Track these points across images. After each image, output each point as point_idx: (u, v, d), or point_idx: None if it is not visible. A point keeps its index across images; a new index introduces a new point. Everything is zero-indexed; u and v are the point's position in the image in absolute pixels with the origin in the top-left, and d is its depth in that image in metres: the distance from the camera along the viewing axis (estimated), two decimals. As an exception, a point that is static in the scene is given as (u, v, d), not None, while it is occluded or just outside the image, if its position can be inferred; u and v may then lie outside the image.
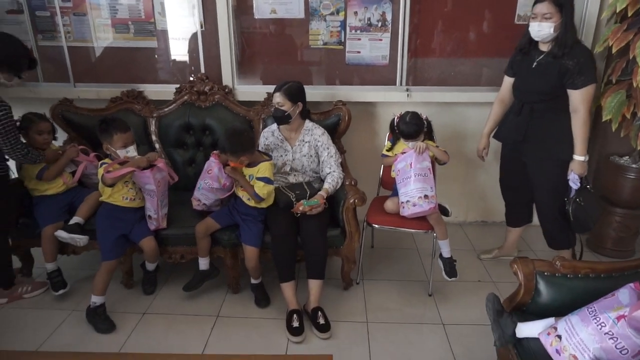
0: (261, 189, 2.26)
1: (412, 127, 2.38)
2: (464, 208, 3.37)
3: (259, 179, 2.26)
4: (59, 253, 2.48)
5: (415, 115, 2.43)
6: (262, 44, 3.01)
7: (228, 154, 2.24)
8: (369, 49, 2.95)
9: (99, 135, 2.33)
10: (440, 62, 3.02)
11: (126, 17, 2.93)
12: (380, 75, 3.01)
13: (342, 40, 2.94)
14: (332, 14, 2.89)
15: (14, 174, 2.49)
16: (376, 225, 2.52)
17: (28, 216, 2.47)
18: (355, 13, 2.89)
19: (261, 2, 2.88)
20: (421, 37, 2.95)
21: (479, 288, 2.60)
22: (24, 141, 2.31)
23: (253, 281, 2.44)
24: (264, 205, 2.34)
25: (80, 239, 2.33)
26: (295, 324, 2.20)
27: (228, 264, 2.47)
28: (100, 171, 2.23)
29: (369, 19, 2.89)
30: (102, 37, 2.99)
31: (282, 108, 2.40)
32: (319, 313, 2.24)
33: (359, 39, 2.94)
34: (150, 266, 2.52)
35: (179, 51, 3.03)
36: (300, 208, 2.28)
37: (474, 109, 3.04)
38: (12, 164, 2.36)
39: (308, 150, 2.52)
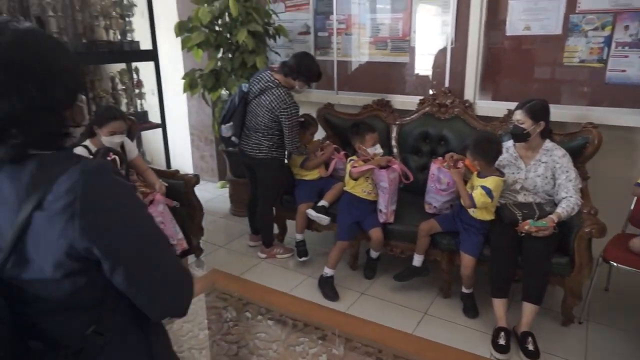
0: (479, 196, 2.30)
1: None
2: None
3: (483, 187, 2.31)
4: (306, 227, 3.04)
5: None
6: (509, 60, 3.00)
7: (468, 153, 2.36)
8: (638, 67, 2.62)
9: (351, 137, 2.78)
10: None
11: (386, 35, 3.35)
12: (649, 98, 2.64)
13: (604, 57, 2.69)
14: (595, 29, 2.68)
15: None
16: (615, 264, 2.25)
17: (289, 194, 3.10)
18: (627, 27, 2.60)
19: (515, 19, 2.88)
20: None
21: None
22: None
23: (464, 290, 2.50)
24: (479, 216, 2.38)
25: (324, 219, 2.82)
26: (502, 341, 2.18)
27: (443, 268, 2.59)
28: (348, 167, 2.66)
29: (643, 34, 2.57)
30: (363, 53, 3.49)
31: (522, 126, 2.37)
32: (529, 338, 2.16)
33: (627, 56, 2.64)
34: (374, 254, 2.84)
35: (426, 66, 3.29)
36: (526, 227, 2.23)
37: None
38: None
39: (544, 171, 2.42)
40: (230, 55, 3.44)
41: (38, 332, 0.80)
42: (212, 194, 4.39)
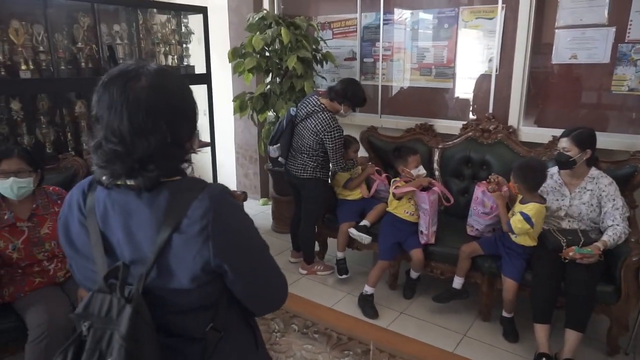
0: (516, 222, 2.32)
1: None
2: None
3: (521, 213, 2.33)
4: (347, 246, 3.11)
5: None
6: (555, 87, 3.03)
7: (512, 175, 2.39)
8: (689, 97, 2.60)
9: (394, 161, 2.86)
10: None
11: (431, 62, 3.44)
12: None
13: (654, 86, 2.68)
14: (646, 58, 2.68)
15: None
16: (664, 295, 2.21)
17: (332, 213, 3.20)
18: (678, 57, 2.59)
19: (561, 47, 2.91)
20: None
21: None
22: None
23: (505, 314, 2.50)
24: (521, 241, 2.39)
25: (366, 238, 2.89)
26: (544, 367, 2.17)
27: (483, 291, 2.60)
28: (392, 187, 2.74)
29: (695, 64, 2.55)
30: (407, 78, 3.59)
31: (568, 153, 2.39)
32: (572, 366, 2.14)
33: (677, 86, 2.62)
34: (414, 274, 2.88)
35: (470, 92, 3.36)
36: (570, 254, 2.23)
37: None
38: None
39: (589, 199, 2.42)
40: (279, 80, 3.62)
41: (165, 329, 0.92)
42: (255, 211, 4.53)
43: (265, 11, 3.58)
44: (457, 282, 2.62)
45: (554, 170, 2.56)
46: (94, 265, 0.91)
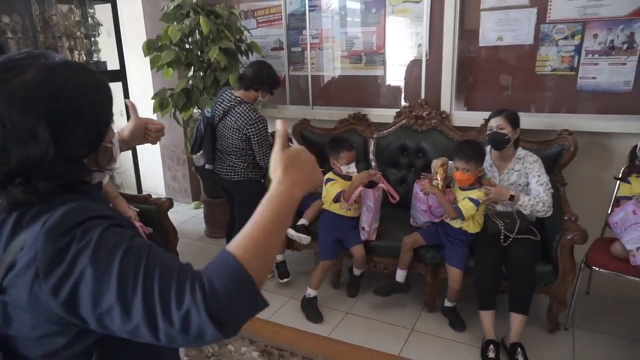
0: (467, 207, 2.28)
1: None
2: None
3: (470, 199, 2.28)
4: (286, 247, 2.95)
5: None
6: (484, 70, 3.03)
7: (457, 160, 2.30)
8: (608, 74, 2.67)
9: (328, 152, 2.71)
10: None
11: (360, 49, 3.33)
12: (619, 104, 2.68)
13: (575, 65, 2.74)
14: (565, 38, 2.72)
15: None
16: (597, 269, 2.26)
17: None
18: (595, 36, 2.65)
19: (487, 30, 2.91)
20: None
21: None
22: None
23: (447, 304, 2.46)
24: (467, 227, 2.36)
25: (305, 239, 2.73)
26: (491, 354, 2.14)
27: (428, 282, 2.55)
28: (330, 188, 2.55)
29: (611, 42, 2.62)
30: (338, 67, 3.46)
31: (503, 131, 2.36)
32: (519, 349, 2.13)
33: (596, 64, 2.69)
34: (357, 272, 2.77)
35: (401, 78, 3.29)
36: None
37: None
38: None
39: (517, 179, 2.42)
40: (202, 74, 3.36)
41: None
42: (186, 216, 4.25)
43: (181, -1, 3.28)
44: (400, 275, 2.54)
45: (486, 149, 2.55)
46: None
